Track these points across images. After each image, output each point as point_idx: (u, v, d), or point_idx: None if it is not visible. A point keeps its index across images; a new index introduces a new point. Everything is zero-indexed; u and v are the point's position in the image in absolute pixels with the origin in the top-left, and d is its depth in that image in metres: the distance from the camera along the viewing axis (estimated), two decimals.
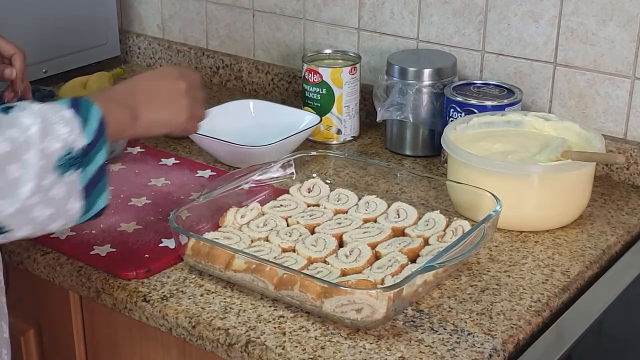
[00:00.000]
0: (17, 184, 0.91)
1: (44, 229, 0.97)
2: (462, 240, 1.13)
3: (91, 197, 0.99)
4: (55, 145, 0.94)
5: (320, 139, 1.60)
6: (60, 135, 0.94)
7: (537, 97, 1.54)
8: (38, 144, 0.92)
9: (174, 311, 1.11)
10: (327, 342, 1.05)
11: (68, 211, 0.97)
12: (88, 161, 0.97)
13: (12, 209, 0.91)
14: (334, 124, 1.59)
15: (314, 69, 1.57)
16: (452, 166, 1.34)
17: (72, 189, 0.96)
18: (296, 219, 1.26)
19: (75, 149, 0.95)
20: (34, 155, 0.92)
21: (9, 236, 0.94)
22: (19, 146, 0.91)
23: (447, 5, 1.59)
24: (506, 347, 1.05)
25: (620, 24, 1.42)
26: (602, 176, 1.48)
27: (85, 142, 0.96)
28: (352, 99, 1.59)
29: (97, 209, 1.01)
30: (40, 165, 0.92)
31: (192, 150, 1.57)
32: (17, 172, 0.90)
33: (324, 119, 1.58)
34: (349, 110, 1.59)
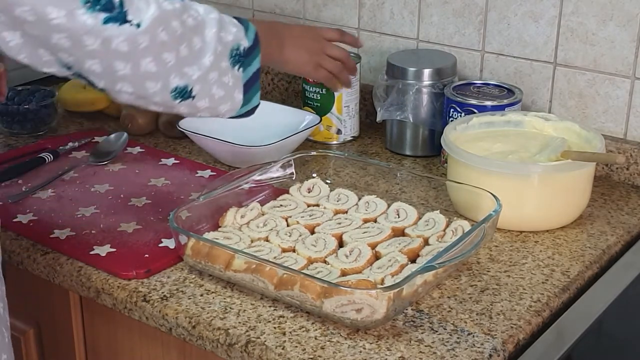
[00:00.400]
0: (201, 55, 1.07)
1: (216, 108, 1.13)
2: (462, 240, 1.13)
3: (249, 93, 1.16)
4: (229, 37, 1.11)
5: (320, 139, 1.60)
6: (231, 30, 1.12)
7: (537, 97, 1.54)
8: (216, 29, 1.09)
9: (174, 311, 1.11)
10: (327, 342, 1.05)
11: (234, 98, 1.14)
12: (249, 62, 1.14)
13: (198, 74, 1.07)
14: (334, 124, 1.59)
15: None
16: (452, 166, 1.34)
17: (237, 81, 1.13)
18: (296, 219, 1.26)
19: (241, 47, 1.13)
20: (213, 36, 1.08)
21: (192, 103, 1.09)
22: (201, 23, 1.07)
23: (447, 5, 1.59)
24: (506, 347, 1.05)
25: (620, 24, 1.42)
26: (602, 176, 1.48)
27: (247, 44, 1.14)
28: (352, 98, 1.59)
29: (252, 105, 1.18)
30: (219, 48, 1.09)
31: (192, 150, 1.57)
32: (199, 44, 1.07)
33: (324, 119, 1.57)
34: (349, 110, 1.59)
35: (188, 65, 1.06)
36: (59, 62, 1.00)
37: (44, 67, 1.02)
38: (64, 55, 0.99)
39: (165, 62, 1.03)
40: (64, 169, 1.46)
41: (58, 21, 0.94)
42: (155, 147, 1.58)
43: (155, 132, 1.64)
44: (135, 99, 1.06)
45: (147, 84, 1.04)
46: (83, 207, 1.35)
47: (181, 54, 1.04)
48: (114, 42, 0.98)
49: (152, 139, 1.62)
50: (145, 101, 1.07)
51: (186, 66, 1.06)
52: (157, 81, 1.04)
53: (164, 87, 1.05)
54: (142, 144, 1.59)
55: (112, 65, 1.00)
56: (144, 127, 1.63)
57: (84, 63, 0.99)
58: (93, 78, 1.02)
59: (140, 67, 1.01)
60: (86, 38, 0.97)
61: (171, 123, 1.58)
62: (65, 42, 0.97)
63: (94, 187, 1.41)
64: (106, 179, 1.45)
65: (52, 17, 0.94)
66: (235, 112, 1.16)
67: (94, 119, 1.71)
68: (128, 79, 1.02)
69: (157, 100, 1.07)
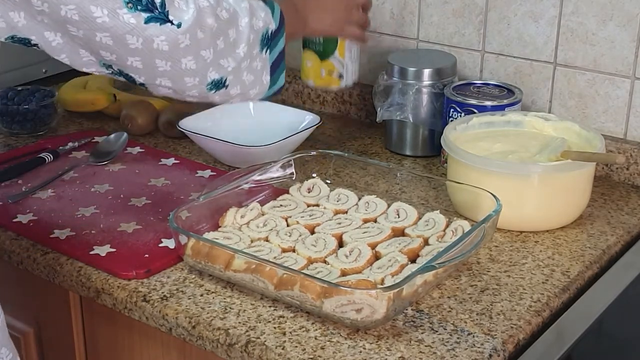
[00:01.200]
0: (235, 46, 1.11)
1: (246, 93, 1.16)
2: (462, 240, 1.13)
3: (275, 74, 1.19)
4: (259, 24, 1.14)
5: (322, 83, 1.50)
6: (261, 16, 1.14)
7: (537, 97, 1.54)
8: (248, 18, 1.12)
9: (174, 311, 1.11)
10: (327, 342, 1.05)
11: (263, 81, 1.17)
12: (275, 44, 1.17)
13: (233, 65, 1.11)
14: (336, 67, 1.47)
15: None
16: (452, 166, 1.34)
17: (265, 64, 1.17)
18: (296, 219, 1.26)
19: (269, 30, 1.16)
20: (246, 25, 1.11)
21: (226, 92, 1.13)
22: (234, 14, 1.10)
23: (447, 5, 1.59)
24: (506, 347, 1.05)
25: (620, 24, 1.42)
26: (602, 176, 1.48)
27: (274, 27, 1.16)
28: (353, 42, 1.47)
29: (278, 86, 1.22)
30: (251, 37, 1.12)
31: (192, 150, 1.57)
32: (234, 35, 1.10)
33: (325, 63, 1.46)
34: (351, 54, 1.47)
35: (224, 58, 1.10)
36: (99, 62, 1.04)
37: (83, 67, 1.05)
38: (106, 54, 1.02)
39: (204, 58, 1.07)
40: (64, 169, 1.46)
41: (101, 20, 0.97)
42: (155, 147, 1.58)
43: (155, 132, 1.64)
44: (173, 93, 1.10)
45: (186, 79, 1.08)
46: (83, 207, 1.35)
47: (218, 48, 1.08)
48: (156, 41, 1.02)
49: (152, 139, 1.62)
50: (182, 94, 1.11)
51: (222, 58, 1.09)
52: (195, 76, 1.08)
53: (202, 81, 1.09)
54: (142, 144, 1.59)
55: (154, 62, 1.04)
56: (144, 127, 1.63)
57: (126, 61, 1.03)
58: (134, 74, 1.06)
59: (181, 64, 1.05)
60: (129, 37, 1.00)
61: (171, 123, 1.58)
62: (108, 41, 1.00)
63: (94, 187, 1.41)
64: (106, 179, 1.45)
65: (96, 16, 0.97)
66: (264, 94, 1.20)
67: (94, 119, 1.71)
68: (168, 74, 1.06)
69: (194, 93, 1.10)
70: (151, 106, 1.65)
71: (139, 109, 1.63)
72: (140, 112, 1.62)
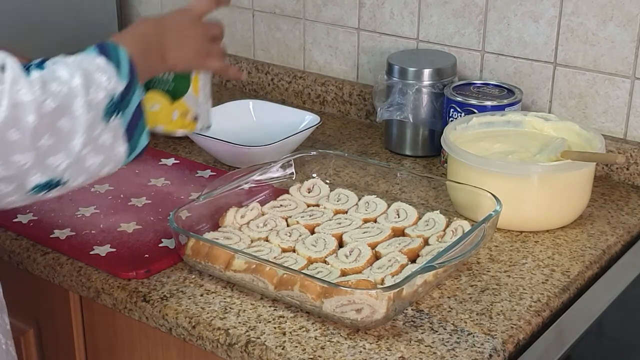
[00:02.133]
0: (70, 137, 0.93)
1: (96, 176, 1.00)
2: (462, 240, 1.13)
3: (134, 138, 1.02)
4: (100, 95, 0.96)
5: (174, 128, 1.27)
6: (101, 83, 0.96)
7: (537, 97, 1.54)
8: (84, 96, 0.94)
9: (174, 311, 1.11)
10: (327, 342, 1.05)
11: (116, 155, 1.00)
12: (126, 104, 0.99)
13: (68, 162, 0.93)
14: (191, 108, 1.27)
15: None
16: (452, 166, 1.34)
17: (116, 133, 0.98)
18: (296, 219, 1.26)
19: (116, 95, 0.98)
20: (82, 107, 0.93)
21: (66, 187, 0.96)
22: (66, 98, 0.92)
23: (447, 5, 1.59)
24: (506, 347, 1.05)
25: (620, 24, 1.42)
26: (602, 176, 1.48)
27: (122, 87, 0.99)
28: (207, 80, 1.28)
29: (140, 148, 1.04)
30: (90, 117, 0.94)
31: (192, 150, 1.57)
32: (68, 124, 0.92)
33: (178, 105, 1.25)
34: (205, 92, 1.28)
35: (53, 156, 0.92)
36: None
37: None
38: None
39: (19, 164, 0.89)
40: None
41: None
42: (155, 147, 1.58)
43: None
44: None
45: None
46: (83, 207, 1.35)
47: (42, 147, 0.90)
48: None
49: (152, 139, 1.60)
50: None
51: (50, 157, 0.92)
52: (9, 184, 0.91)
53: (21, 188, 0.92)
54: None
55: None
56: None
57: None
58: None
59: None
60: None
61: None
62: None
63: (94, 187, 1.41)
64: (106, 179, 1.44)
65: None
66: (122, 164, 1.03)
67: None
68: None
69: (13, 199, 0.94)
70: None
71: None
72: None
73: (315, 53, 1.79)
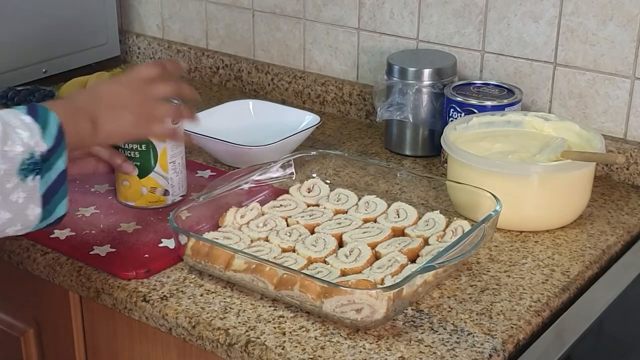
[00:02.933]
0: None
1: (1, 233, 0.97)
2: (462, 240, 1.13)
3: (50, 204, 0.99)
4: (18, 149, 0.93)
5: (144, 203, 1.32)
6: (21, 138, 0.94)
7: (537, 97, 1.54)
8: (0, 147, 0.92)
9: (174, 311, 1.11)
10: (327, 342, 1.05)
11: (27, 216, 0.97)
12: (48, 167, 0.97)
13: None
14: (160, 184, 1.31)
15: None
16: (452, 166, 1.34)
17: (32, 194, 0.96)
18: (296, 219, 1.26)
19: (36, 154, 0.95)
20: None
21: None
22: None
23: (447, 5, 1.59)
24: (506, 347, 1.05)
25: (620, 24, 1.42)
26: (602, 176, 1.48)
27: (45, 148, 0.96)
28: (177, 152, 1.32)
29: (55, 217, 1.01)
30: (3, 169, 0.92)
31: (192, 150, 1.57)
32: None
33: (147, 180, 1.30)
34: (175, 166, 1.32)
35: None
36: None
37: None
38: None
39: None
40: None
41: None
42: None
43: None
44: None
45: None
46: (83, 207, 1.35)
47: None
48: None
49: None
50: None
51: None
52: None
53: None
54: None
55: None
56: None
57: None
58: None
59: None
60: None
61: None
62: None
63: (94, 187, 1.41)
64: (106, 179, 1.44)
65: None
66: (32, 228, 0.99)
67: None
68: None
69: None
70: None
71: None
72: None
73: (315, 53, 1.79)
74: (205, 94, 1.88)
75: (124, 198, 1.33)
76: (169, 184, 1.32)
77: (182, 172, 1.33)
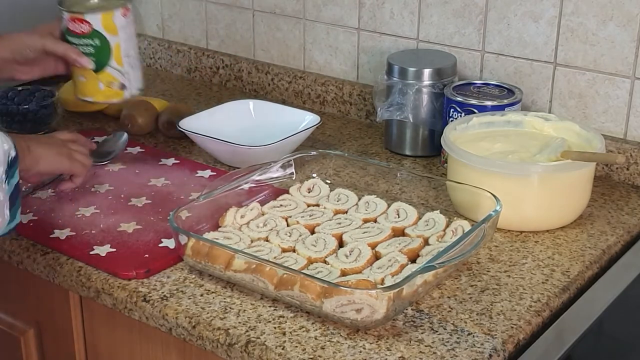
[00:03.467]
0: None
1: None
2: (462, 240, 1.13)
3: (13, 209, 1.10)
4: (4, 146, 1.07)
5: (102, 98, 1.37)
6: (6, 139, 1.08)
7: (537, 97, 1.54)
8: None
9: (174, 311, 1.11)
10: (327, 342, 1.05)
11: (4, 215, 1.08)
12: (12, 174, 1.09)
13: None
14: (117, 78, 1.34)
15: (79, 17, 1.31)
16: (452, 166, 1.34)
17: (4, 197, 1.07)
18: (296, 219, 1.26)
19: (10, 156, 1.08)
20: None
21: None
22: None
23: (447, 5, 1.59)
24: (506, 347, 1.05)
25: (620, 24, 1.42)
26: (602, 176, 1.48)
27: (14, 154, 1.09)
28: (131, 45, 1.35)
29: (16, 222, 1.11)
30: None
31: (192, 150, 1.57)
32: None
33: (103, 75, 1.33)
34: (130, 59, 1.35)
35: None
36: None
37: None
38: None
39: None
40: None
41: None
42: (155, 147, 1.58)
43: (155, 132, 1.64)
44: None
45: None
46: (83, 207, 1.35)
47: None
48: None
49: (152, 139, 1.62)
50: None
51: None
52: None
53: None
54: (142, 144, 1.59)
55: None
56: (144, 127, 1.63)
57: None
58: None
59: None
60: None
61: (171, 123, 1.58)
62: None
63: (94, 187, 1.41)
64: (106, 179, 1.44)
65: None
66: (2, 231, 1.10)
67: (94, 119, 1.71)
68: None
69: None
70: (151, 106, 1.65)
71: (139, 109, 1.63)
72: (140, 112, 1.62)
73: (315, 53, 1.79)
74: (205, 94, 1.88)
75: (82, 94, 1.35)
76: (126, 78, 1.33)
77: (137, 66, 1.36)
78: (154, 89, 1.90)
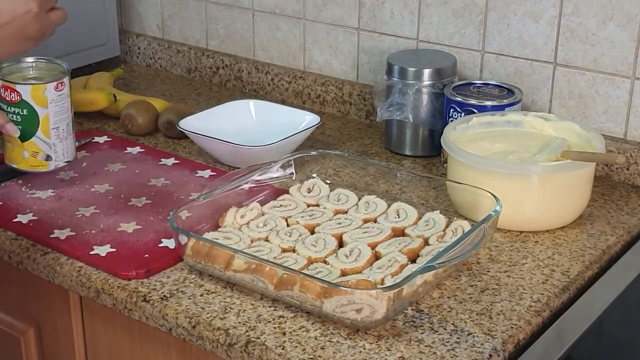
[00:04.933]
0: None
1: None
2: (462, 240, 1.13)
3: None
4: None
5: (26, 167, 1.35)
6: None
7: (537, 97, 1.54)
8: None
9: (174, 311, 1.11)
10: (327, 342, 1.05)
11: None
12: None
13: None
14: (42, 149, 1.33)
15: (10, 86, 1.30)
16: (452, 166, 1.34)
17: None
18: (296, 219, 1.26)
19: None
20: None
21: None
22: None
23: (447, 5, 1.59)
24: (506, 347, 1.05)
25: (620, 24, 1.42)
26: (602, 176, 1.48)
27: None
28: (62, 118, 1.33)
29: None
30: None
31: (192, 150, 1.57)
32: None
33: (28, 144, 1.32)
34: (58, 132, 1.33)
35: None
36: None
37: None
38: None
39: None
40: None
41: None
42: (155, 147, 1.58)
43: (155, 132, 1.64)
44: None
45: None
46: (83, 207, 1.35)
47: None
48: None
49: (152, 139, 1.62)
50: None
51: None
52: None
53: None
54: (142, 144, 1.58)
55: None
56: (144, 127, 1.63)
57: None
58: None
59: None
60: None
61: (171, 123, 1.58)
62: None
63: (94, 187, 1.41)
64: (106, 179, 1.44)
65: None
66: None
67: (94, 119, 1.70)
68: None
69: None
70: (151, 106, 1.65)
71: (139, 109, 1.63)
72: (140, 112, 1.62)
73: (315, 53, 1.79)
74: (205, 94, 1.88)
75: (8, 160, 1.36)
76: (52, 149, 1.33)
77: (68, 139, 1.35)
78: (154, 89, 1.91)
